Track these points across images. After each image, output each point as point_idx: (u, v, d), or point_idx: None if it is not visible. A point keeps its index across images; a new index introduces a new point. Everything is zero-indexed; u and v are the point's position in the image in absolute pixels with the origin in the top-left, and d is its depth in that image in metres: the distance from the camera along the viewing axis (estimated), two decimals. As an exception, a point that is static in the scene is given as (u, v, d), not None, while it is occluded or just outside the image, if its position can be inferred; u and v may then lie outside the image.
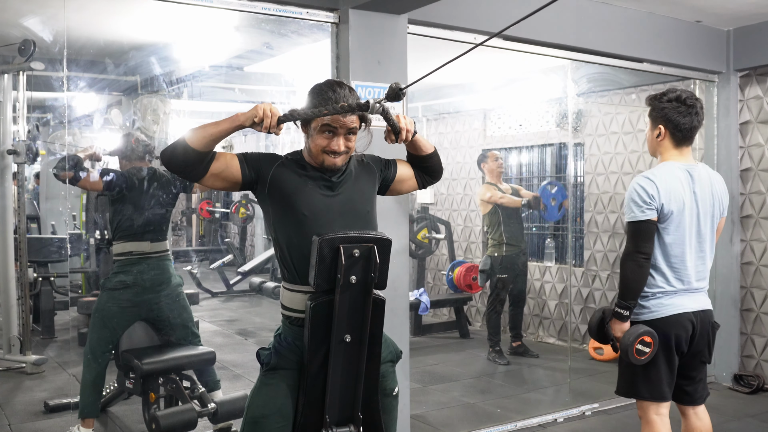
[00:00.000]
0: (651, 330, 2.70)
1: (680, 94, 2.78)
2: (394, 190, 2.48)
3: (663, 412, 2.79)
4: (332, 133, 2.17)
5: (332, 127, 2.16)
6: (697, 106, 2.79)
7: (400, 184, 2.47)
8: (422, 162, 2.45)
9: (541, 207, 5.79)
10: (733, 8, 4.57)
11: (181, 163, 2.12)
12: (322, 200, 2.20)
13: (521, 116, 7.05)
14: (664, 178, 2.72)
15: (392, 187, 2.46)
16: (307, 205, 2.18)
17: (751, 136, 5.16)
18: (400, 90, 2.10)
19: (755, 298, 5.15)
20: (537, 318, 6.82)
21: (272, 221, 2.23)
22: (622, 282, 2.73)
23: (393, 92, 2.10)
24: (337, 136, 2.17)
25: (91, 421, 3.73)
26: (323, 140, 2.17)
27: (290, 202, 2.18)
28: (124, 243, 3.81)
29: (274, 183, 2.19)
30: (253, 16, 3.51)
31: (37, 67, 4.71)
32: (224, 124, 2.11)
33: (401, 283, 3.67)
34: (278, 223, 2.21)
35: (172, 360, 3.69)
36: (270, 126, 2.10)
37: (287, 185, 2.19)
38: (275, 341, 2.23)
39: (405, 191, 2.54)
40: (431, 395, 4.88)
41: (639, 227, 2.70)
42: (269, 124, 2.10)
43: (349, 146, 2.21)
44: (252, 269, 8.53)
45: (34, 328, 5.72)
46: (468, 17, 3.88)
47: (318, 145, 2.18)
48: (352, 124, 2.18)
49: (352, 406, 2.17)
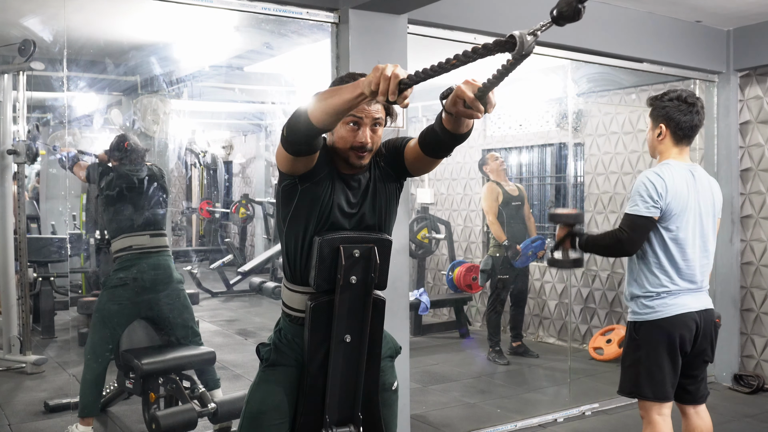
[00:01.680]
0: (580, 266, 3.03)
1: (681, 93, 2.80)
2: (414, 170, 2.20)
3: (665, 413, 2.79)
4: (356, 124, 2.03)
5: (357, 117, 2.02)
6: (698, 105, 2.80)
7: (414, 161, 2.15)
8: (455, 140, 1.97)
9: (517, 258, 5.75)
10: (733, 8, 4.57)
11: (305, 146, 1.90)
12: (343, 216, 2.12)
13: (521, 116, 7.05)
14: (672, 177, 2.73)
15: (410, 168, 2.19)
16: (331, 218, 2.09)
17: (751, 136, 5.16)
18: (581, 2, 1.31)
19: (755, 298, 5.15)
20: (537, 318, 6.82)
21: (290, 215, 2.11)
22: (599, 242, 2.88)
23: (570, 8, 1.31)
24: (363, 127, 2.02)
25: (90, 420, 3.73)
26: (348, 133, 2.04)
27: (317, 210, 2.08)
28: (123, 239, 3.81)
29: (314, 186, 2.06)
30: (253, 16, 3.51)
31: (37, 67, 4.71)
32: (345, 93, 1.72)
33: (401, 283, 3.68)
34: (295, 220, 2.11)
35: (172, 360, 3.69)
36: (388, 92, 1.58)
37: (322, 194, 2.08)
38: (275, 336, 2.22)
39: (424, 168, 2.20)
40: (431, 395, 4.88)
41: (638, 221, 2.71)
42: (387, 89, 1.58)
43: (375, 140, 2.07)
44: (252, 269, 8.52)
45: (34, 328, 5.72)
46: (468, 17, 3.88)
47: (344, 139, 2.04)
48: (377, 114, 2.04)
49: (352, 406, 2.17)
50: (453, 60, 1.45)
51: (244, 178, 11.57)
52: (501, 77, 1.47)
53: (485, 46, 1.37)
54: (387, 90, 1.58)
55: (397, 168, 2.20)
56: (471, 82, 1.68)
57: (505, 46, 1.35)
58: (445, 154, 2.08)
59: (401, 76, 1.57)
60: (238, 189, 11.52)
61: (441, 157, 2.11)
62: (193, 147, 10.47)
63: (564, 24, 1.32)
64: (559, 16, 1.31)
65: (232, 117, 9.67)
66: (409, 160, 2.15)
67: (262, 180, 10.85)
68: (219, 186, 11.76)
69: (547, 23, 1.32)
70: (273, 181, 9.57)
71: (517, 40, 1.33)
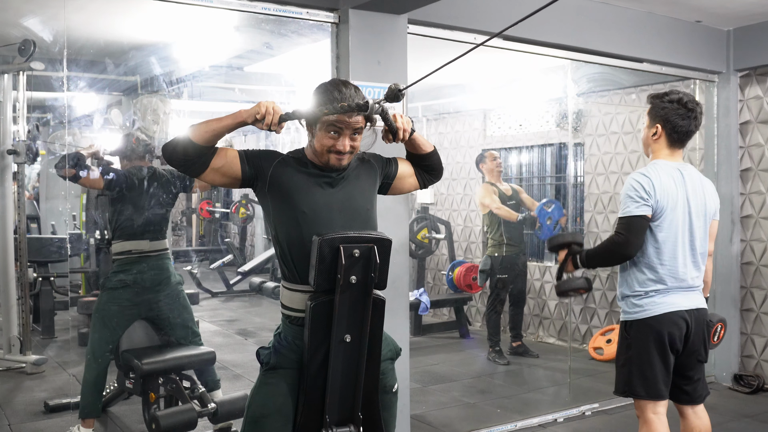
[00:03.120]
0: (588, 287, 2.90)
1: (682, 96, 2.79)
2: (395, 189, 2.47)
3: (660, 411, 2.79)
4: (337, 133, 2.16)
5: (338, 127, 2.15)
6: (697, 111, 2.81)
7: (401, 182, 2.46)
8: (422, 161, 2.46)
9: (537, 226, 5.76)
10: (733, 8, 4.57)
11: (182, 157, 2.14)
12: (322, 197, 2.20)
13: (521, 116, 7.05)
14: (659, 175, 2.74)
15: (394, 185, 2.45)
16: (307, 202, 2.17)
17: (751, 136, 5.16)
18: (399, 91, 2.10)
19: (755, 298, 5.15)
20: (537, 318, 6.82)
21: (272, 219, 2.22)
22: (599, 251, 2.85)
23: (392, 93, 2.11)
24: (343, 136, 2.17)
25: (92, 421, 3.73)
26: (328, 140, 2.17)
27: (290, 199, 2.18)
28: (123, 242, 3.82)
29: (274, 180, 2.19)
30: (253, 16, 3.51)
31: (37, 67, 4.71)
32: (227, 120, 2.13)
33: (401, 283, 3.67)
34: (278, 221, 2.20)
35: (172, 360, 3.69)
36: (271, 123, 2.11)
37: (287, 182, 2.19)
38: (275, 340, 2.23)
39: (406, 190, 2.53)
40: (431, 395, 4.88)
41: (632, 221, 2.71)
42: (270, 121, 2.11)
43: (354, 146, 2.20)
44: (252, 269, 8.53)
45: (34, 328, 5.72)
46: (468, 17, 3.88)
47: (323, 145, 2.18)
48: (357, 125, 2.17)
49: (352, 406, 2.17)
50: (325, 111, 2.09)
51: (244, 178, 11.54)
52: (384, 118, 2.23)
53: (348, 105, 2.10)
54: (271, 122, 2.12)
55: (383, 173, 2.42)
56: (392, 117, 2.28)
57: (360, 107, 2.10)
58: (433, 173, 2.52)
59: (280, 113, 2.13)
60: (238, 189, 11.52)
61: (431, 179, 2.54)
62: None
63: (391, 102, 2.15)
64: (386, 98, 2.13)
65: (232, 117, 9.65)
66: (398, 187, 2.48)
67: (262, 180, 10.83)
68: (219, 186, 11.75)
69: (382, 99, 2.13)
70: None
71: (370, 104, 2.11)
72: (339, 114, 2.10)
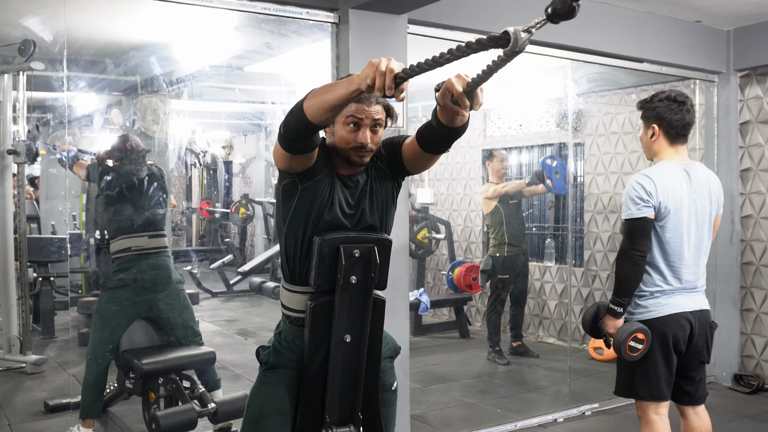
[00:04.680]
0: (644, 327, 2.71)
1: (670, 93, 2.83)
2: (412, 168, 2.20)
3: (662, 412, 2.79)
4: (356, 125, 2.03)
5: (357, 118, 2.03)
6: (688, 104, 2.83)
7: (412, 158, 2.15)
8: (451, 133, 1.92)
9: (547, 182, 5.75)
10: (733, 8, 4.57)
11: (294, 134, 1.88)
12: (343, 215, 2.12)
13: (521, 116, 7.05)
14: (661, 177, 2.73)
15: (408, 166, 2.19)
16: (331, 217, 2.09)
17: (751, 136, 5.16)
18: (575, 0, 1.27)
19: (755, 298, 5.15)
20: (537, 318, 6.82)
21: (290, 214, 2.11)
22: (617, 279, 2.75)
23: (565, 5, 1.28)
24: (363, 129, 2.03)
25: (92, 422, 3.73)
26: (348, 134, 2.05)
27: (317, 209, 2.08)
28: (122, 240, 3.81)
29: (314, 185, 2.07)
30: (253, 16, 3.51)
31: (37, 67, 4.71)
32: (340, 89, 1.73)
33: (401, 283, 3.67)
34: (295, 219, 2.10)
35: (172, 360, 3.69)
36: (385, 86, 1.59)
37: (321, 193, 2.08)
38: (275, 339, 2.22)
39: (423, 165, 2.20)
40: (431, 395, 4.88)
41: (635, 224, 2.71)
42: (383, 84, 1.59)
43: (375, 140, 2.07)
44: (252, 269, 8.52)
45: (34, 328, 5.72)
46: (468, 17, 3.88)
47: (344, 140, 2.05)
48: (377, 115, 2.05)
49: (352, 406, 2.17)
50: (447, 54, 1.44)
51: (244, 178, 11.57)
52: (491, 73, 1.47)
53: (479, 41, 1.36)
54: (383, 85, 1.58)
55: (395, 167, 2.20)
56: (462, 76, 1.68)
57: (498, 41, 1.34)
58: (443, 149, 2.07)
59: (396, 71, 1.57)
60: (238, 189, 11.52)
61: (439, 153, 2.10)
62: (193, 147, 10.48)
63: (559, 22, 1.30)
64: (554, 14, 1.29)
65: (232, 117, 9.67)
66: (407, 157, 2.16)
67: (262, 180, 10.86)
68: (219, 186, 11.77)
69: (542, 20, 1.30)
70: (273, 181, 9.57)
71: (511, 36, 1.31)
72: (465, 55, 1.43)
